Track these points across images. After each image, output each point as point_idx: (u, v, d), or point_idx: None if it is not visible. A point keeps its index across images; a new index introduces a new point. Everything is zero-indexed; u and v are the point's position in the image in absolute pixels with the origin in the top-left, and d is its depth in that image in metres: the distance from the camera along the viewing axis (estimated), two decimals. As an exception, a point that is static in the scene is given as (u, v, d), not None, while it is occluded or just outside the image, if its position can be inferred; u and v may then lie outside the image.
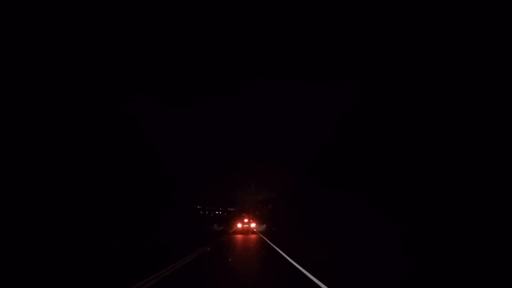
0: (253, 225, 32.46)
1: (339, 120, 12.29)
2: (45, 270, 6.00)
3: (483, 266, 4.90)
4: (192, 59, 9.23)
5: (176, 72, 9.94)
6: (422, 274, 5.41)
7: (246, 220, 31.95)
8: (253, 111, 12.33)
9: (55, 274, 5.56)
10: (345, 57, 8.47)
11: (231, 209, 48.21)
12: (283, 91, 10.75)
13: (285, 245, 12.63)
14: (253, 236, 23.02)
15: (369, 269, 6.31)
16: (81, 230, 12.16)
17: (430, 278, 5.04)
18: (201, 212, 44.84)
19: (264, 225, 38.49)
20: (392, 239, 8.32)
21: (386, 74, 8.38)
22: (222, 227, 41.17)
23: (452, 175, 6.24)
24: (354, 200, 11.46)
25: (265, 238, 18.92)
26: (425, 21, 6.49)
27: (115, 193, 15.80)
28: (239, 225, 31.61)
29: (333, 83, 9.74)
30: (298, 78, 9.71)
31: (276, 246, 12.26)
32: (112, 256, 8.39)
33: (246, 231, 29.32)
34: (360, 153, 11.02)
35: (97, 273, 5.74)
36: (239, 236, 22.33)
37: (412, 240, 7.20)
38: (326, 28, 7.54)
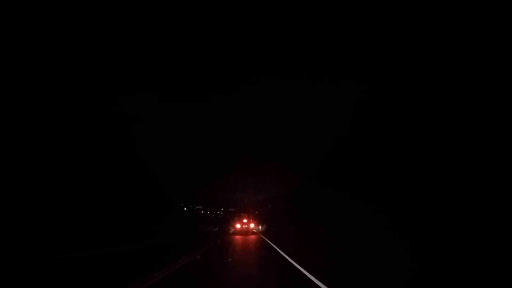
0: (252, 225, 31.58)
1: (343, 123, 12.17)
2: (47, 268, 6.12)
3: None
4: (195, 58, 9.19)
5: (179, 71, 9.91)
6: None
7: (245, 221, 30.78)
8: (254, 111, 12.27)
9: (55, 272, 5.64)
10: (349, 57, 8.42)
11: (231, 209, 47.26)
12: (286, 91, 10.70)
13: (285, 245, 12.64)
14: (253, 236, 22.75)
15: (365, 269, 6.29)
16: (78, 232, 12.14)
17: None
18: (202, 212, 43.93)
19: (264, 225, 38.22)
20: (391, 242, 8.26)
21: (391, 75, 8.30)
22: (217, 228, 39.36)
23: (457, 176, 6.18)
24: (356, 203, 11.37)
25: (266, 239, 18.83)
26: (428, 20, 6.45)
27: (108, 194, 15.75)
28: (238, 226, 30.70)
29: (337, 83, 9.67)
30: (302, 78, 9.65)
31: (276, 246, 12.28)
32: (99, 257, 8.63)
33: (245, 232, 28.43)
34: (364, 155, 10.91)
35: (89, 271, 5.91)
36: (237, 238, 21.53)
37: (411, 242, 7.14)
38: (330, 29, 7.50)
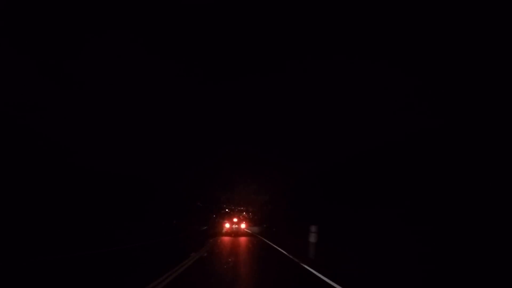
0: (243, 225, 29.82)
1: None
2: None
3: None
4: (198, 49, 8.64)
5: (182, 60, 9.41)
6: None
7: (235, 220, 29.64)
8: (258, 103, 11.68)
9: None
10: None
11: (224, 206, 45.19)
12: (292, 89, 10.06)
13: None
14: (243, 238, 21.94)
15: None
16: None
17: None
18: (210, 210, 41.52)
19: (264, 225, 37.68)
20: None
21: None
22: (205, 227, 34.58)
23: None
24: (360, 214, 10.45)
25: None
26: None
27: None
28: (227, 225, 28.90)
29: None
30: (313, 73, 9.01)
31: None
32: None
33: (235, 233, 26.90)
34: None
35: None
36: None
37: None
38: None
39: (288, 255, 10.77)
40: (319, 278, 6.73)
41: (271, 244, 15.65)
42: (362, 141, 11.75)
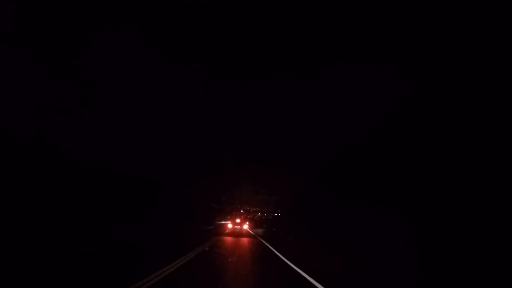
0: (245, 226, 29.61)
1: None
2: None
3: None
4: (205, 52, 8.83)
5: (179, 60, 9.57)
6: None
7: (238, 220, 29.26)
8: (262, 105, 11.79)
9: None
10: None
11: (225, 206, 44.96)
12: (299, 85, 10.18)
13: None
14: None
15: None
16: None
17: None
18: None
19: (265, 225, 37.72)
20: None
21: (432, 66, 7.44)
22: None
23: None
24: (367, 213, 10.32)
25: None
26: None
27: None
28: (230, 225, 28.89)
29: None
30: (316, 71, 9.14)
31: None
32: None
33: (238, 234, 26.56)
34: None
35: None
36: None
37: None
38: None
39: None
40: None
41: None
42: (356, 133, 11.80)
